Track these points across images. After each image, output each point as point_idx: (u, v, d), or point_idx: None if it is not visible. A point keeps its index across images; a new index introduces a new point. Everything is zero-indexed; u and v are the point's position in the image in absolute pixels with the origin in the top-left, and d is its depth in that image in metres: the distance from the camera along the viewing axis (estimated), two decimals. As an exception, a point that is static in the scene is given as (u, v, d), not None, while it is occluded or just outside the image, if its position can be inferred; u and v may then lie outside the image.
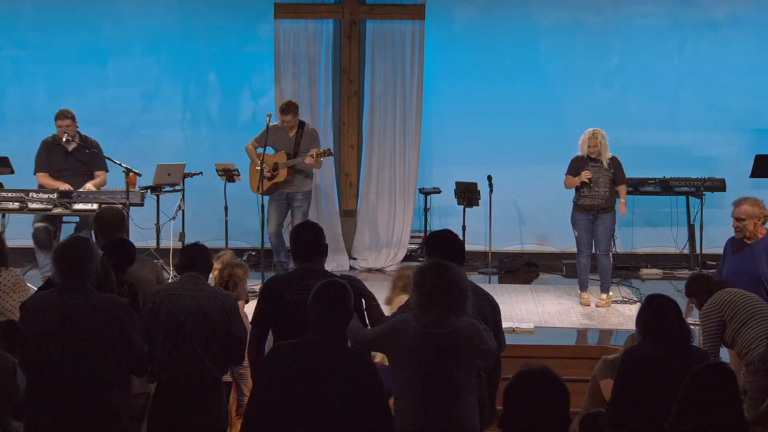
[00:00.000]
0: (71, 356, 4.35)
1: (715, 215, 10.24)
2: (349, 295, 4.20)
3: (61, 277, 4.46)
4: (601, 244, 8.61)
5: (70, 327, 4.36)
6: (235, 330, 4.93)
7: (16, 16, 10.90)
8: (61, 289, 4.46)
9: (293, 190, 9.22)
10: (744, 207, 6.50)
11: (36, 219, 8.46)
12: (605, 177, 8.53)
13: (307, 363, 4.03)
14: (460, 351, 4.23)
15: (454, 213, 10.31)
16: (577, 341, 7.76)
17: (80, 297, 4.42)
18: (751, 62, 10.76)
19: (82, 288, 4.44)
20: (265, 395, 4.07)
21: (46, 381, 4.38)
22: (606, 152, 8.55)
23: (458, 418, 4.22)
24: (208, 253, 5.16)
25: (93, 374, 4.37)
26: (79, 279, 4.44)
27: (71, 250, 4.49)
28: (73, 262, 4.44)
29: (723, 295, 5.66)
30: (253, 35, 10.88)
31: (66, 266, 4.44)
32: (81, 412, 4.36)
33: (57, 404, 4.37)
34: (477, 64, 10.89)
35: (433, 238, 5.03)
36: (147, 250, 8.64)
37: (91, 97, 10.78)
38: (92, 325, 4.38)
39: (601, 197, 8.52)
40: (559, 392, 3.48)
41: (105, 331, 4.39)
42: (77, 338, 4.36)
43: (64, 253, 4.48)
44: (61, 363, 4.36)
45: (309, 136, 9.23)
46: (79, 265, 4.44)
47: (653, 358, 4.46)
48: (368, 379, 4.05)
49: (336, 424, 3.97)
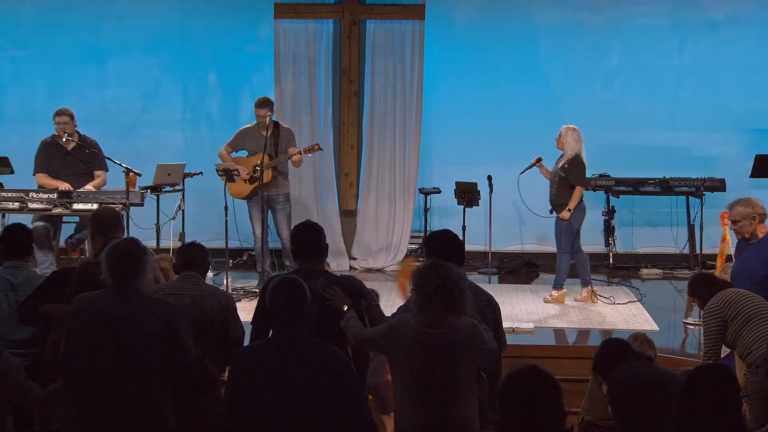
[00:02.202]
0: (120, 359, 4.23)
1: (715, 215, 10.20)
2: (304, 289, 4.21)
3: (113, 278, 4.33)
4: (556, 243, 8.68)
5: (122, 329, 4.25)
6: (234, 329, 4.93)
7: (16, 16, 10.91)
8: (113, 291, 4.35)
9: (275, 192, 9.03)
10: (736, 209, 6.48)
11: (35, 218, 8.46)
12: (556, 175, 8.57)
13: (275, 361, 4.07)
14: (460, 351, 4.23)
15: (454, 213, 10.30)
16: (577, 341, 7.75)
17: (134, 299, 4.32)
18: (751, 62, 10.76)
19: (135, 290, 4.35)
20: (238, 399, 4.10)
21: (93, 383, 4.26)
22: (569, 150, 8.50)
23: (458, 418, 4.22)
24: (206, 253, 5.16)
25: (142, 377, 4.25)
26: (132, 281, 4.33)
27: (125, 251, 4.37)
28: (127, 263, 4.32)
29: (725, 294, 5.65)
30: (253, 35, 10.88)
31: (121, 268, 4.32)
32: (127, 416, 4.24)
33: (102, 407, 4.25)
34: (477, 64, 10.89)
35: (432, 238, 5.03)
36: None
37: (91, 97, 10.78)
38: (144, 328, 4.26)
39: (552, 194, 8.61)
40: (550, 388, 3.47)
41: (158, 335, 4.28)
42: (128, 341, 4.24)
43: (118, 255, 4.36)
44: (109, 365, 4.23)
45: (285, 136, 9.06)
46: (134, 267, 4.33)
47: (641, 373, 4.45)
48: (339, 368, 4.11)
49: (311, 419, 4.00)
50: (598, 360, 4.80)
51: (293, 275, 4.43)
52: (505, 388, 3.51)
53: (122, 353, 4.24)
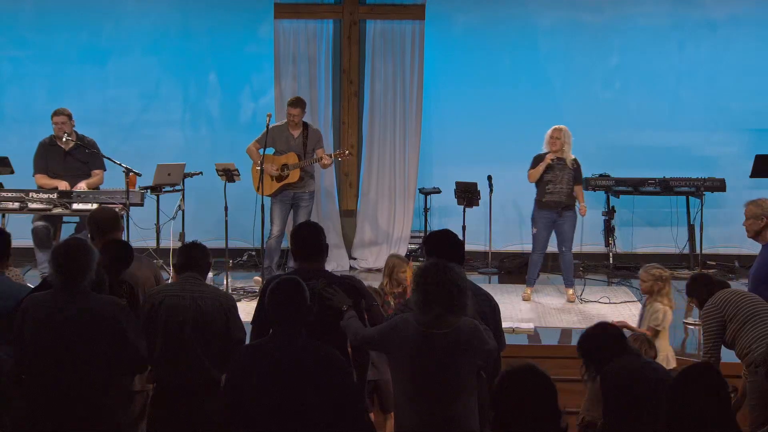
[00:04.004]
0: (68, 357, 4.33)
1: (715, 215, 10.26)
2: (304, 289, 4.23)
3: (59, 277, 4.43)
4: (567, 241, 8.82)
5: (68, 328, 4.34)
6: (235, 330, 4.93)
7: (16, 16, 10.90)
8: (59, 290, 4.44)
9: (301, 190, 9.23)
10: (749, 207, 6.48)
11: (35, 218, 8.46)
12: (568, 174, 8.71)
13: (274, 361, 4.08)
14: (460, 351, 4.23)
15: (454, 213, 10.30)
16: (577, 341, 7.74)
17: (78, 298, 4.41)
18: (751, 62, 10.76)
19: (80, 289, 4.43)
20: (236, 398, 4.11)
21: (42, 381, 4.35)
22: (569, 150, 8.70)
23: (458, 417, 4.22)
24: (207, 253, 5.16)
25: (89, 375, 4.34)
26: (77, 280, 4.42)
27: (69, 251, 4.46)
28: (71, 263, 4.41)
29: (724, 294, 5.65)
30: (253, 35, 10.88)
31: (64, 267, 4.42)
32: (77, 414, 4.33)
33: (52, 405, 4.34)
34: (477, 63, 10.89)
35: (432, 238, 5.03)
36: (147, 250, 8.64)
37: (91, 97, 10.78)
38: (89, 326, 4.35)
39: (564, 194, 8.72)
40: (545, 387, 3.48)
41: (102, 332, 4.37)
42: (74, 339, 4.33)
43: (62, 254, 4.45)
44: (57, 364, 4.33)
45: (314, 137, 9.26)
46: (77, 266, 4.42)
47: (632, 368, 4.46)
48: (337, 369, 4.12)
49: (308, 419, 4.01)
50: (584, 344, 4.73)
51: (293, 276, 4.43)
52: (500, 386, 3.53)
53: (69, 352, 4.32)
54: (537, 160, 8.80)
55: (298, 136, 9.19)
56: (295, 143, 9.19)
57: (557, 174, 8.68)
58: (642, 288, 6.44)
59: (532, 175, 8.78)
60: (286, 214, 9.26)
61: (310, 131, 9.26)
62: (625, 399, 4.39)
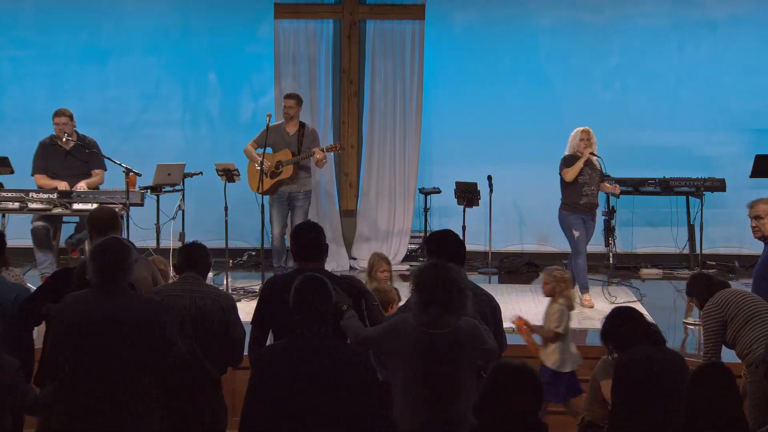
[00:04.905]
0: (108, 358, 4.25)
1: (715, 215, 10.25)
2: (328, 288, 4.22)
3: (98, 277, 4.36)
4: (587, 243, 8.70)
5: (109, 328, 4.27)
6: (234, 330, 4.92)
7: (16, 16, 10.90)
8: (99, 290, 4.37)
9: (296, 189, 9.21)
10: (761, 205, 6.45)
11: (35, 218, 8.46)
12: (597, 175, 8.64)
13: (300, 362, 4.05)
14: (460, 351, 4.23)
15: (454, 213, 10.30)
16: (576, 341, 7.75)
17: (118, 297, 4.35)
18: (751, 62, 10.77)
19: (120, 288, 4.38)
20: (261, 399, 4.08)
21: (79, 382, 4.27)
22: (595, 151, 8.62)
23: (458, 417, 4.22)
24: (207, 253, 5.15)
25: (129, 377, 4.27)
26: (117, 279, 4.36)
27: (109, 250, 4.41)
28: (111, 262, 4.36)
29: (724, 294, 5.65)
30: (253, 35, 10.88)
31: (104, 266, 4.35)
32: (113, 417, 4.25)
33: (88, 407, 4.26)
34: (477, 64, 10.89)
35: (433, 238, 5.03)
36: (147, 250, 8.64)
37: (91, 97, 10.78)
38: (131, 327, 4.28)
39: (595, 195, 8.68)
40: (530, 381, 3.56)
41: (144, 333, 4.30)
42: (115, 340, 4.25)
43: (102, 254, 4.39)
44: (96, 365, 4.25)
45: (310, 137, 9.24)
46: (118, 265, 4.36)
47: (647, 359, 4.46)
48: (361, 367, 4.11)
49: (332, 417, 4.00)
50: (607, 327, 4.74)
51: (316, 274, 4.41)
52: (489, 376, 3.61)
53: (109, 352, 4.25)
54: (572, 160, 8.56)
55: (294, 133, 9.19)
56: (290, 140, 9.19)
57: (590, 175, 8.58)
58: (544, 290, 6.33)
59: (570, 174, 8.52)
60: (285, 214, 9.26)
61: (307, 130, 9.25)
62: (635, 388, 4.40)
